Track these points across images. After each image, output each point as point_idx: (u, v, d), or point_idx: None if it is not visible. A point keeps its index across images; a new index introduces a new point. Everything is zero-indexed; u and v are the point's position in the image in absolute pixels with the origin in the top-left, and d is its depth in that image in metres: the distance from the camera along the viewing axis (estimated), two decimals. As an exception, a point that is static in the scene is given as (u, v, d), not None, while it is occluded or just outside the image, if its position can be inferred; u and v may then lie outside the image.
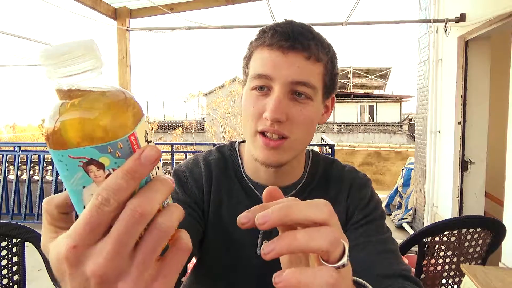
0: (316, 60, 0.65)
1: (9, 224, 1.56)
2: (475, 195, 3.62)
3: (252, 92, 0.67)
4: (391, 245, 0.72)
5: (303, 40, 0.64)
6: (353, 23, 3.89)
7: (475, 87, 3.58)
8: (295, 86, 0.65)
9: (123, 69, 4.33)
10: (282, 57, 0.64)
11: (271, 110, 0.63)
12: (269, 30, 0.66)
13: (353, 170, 0.83)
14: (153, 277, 0.27)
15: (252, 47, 0.69)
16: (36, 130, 26.48)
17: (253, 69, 0.67)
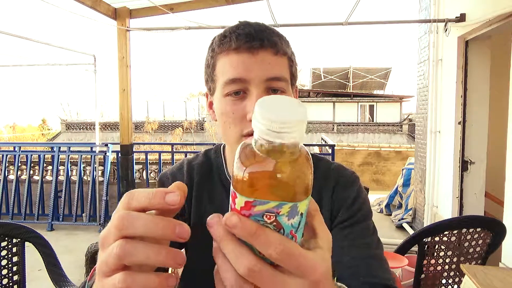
0: (283, 54, 0.67)
1: (9, 224, 1.56)
2: (475, 195, 3.62)
3: (227, 98, 0.67)
4: (376, 250, 0.72)
5: (268, 37, 0.65)
6: (353, 23, 3.89)
7: (475, 87, 3.58)
8: (270, 82, 0.65)
9: (123, 69, 4.33)
10: (252, 57, 0.64)
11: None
12: (231, 34, 0.66)
13: (340, 168, 0.81)
14: None
15: (215, 54, 0.68)
16: (36, 130, 26.47)
17: (223, 75, 0.67)
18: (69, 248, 4.15)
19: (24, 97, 70.45)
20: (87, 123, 21.34)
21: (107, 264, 0.32)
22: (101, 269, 0.34)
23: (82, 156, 5.16)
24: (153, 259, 0.31)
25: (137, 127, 19.46)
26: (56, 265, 1.68)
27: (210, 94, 0.73)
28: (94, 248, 2.40)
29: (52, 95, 58.75)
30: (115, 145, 5.09)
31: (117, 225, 0.32)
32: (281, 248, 0.30)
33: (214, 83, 0.70)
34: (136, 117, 14.29)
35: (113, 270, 0.32)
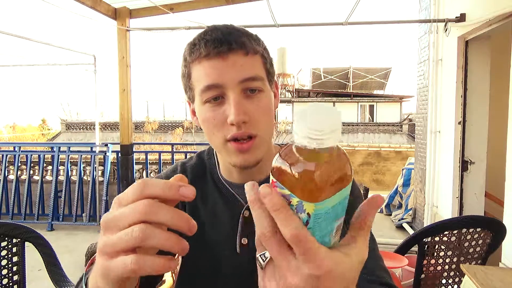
0: (254, 53, 0.67)
1: (9, 224, 1.56)
2: (475, 195, 3.62)
3: (206, 105, 0.68)
4: (371, 251, 0.71)
5: (236, 39, 0.65)
6: (353, 23, 3.89)
7: (475, 87, 3.58)
8: (246, 83, 0.66)
9: (123, 69, 4.33)
10: (223, 62, 0.64)
11: (234, 114, 0.64)
12: (199, 41, 0.66)
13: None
14: None
15: (188, 63, 0.69)
16: (36, 130, 26.47)
17: (198, 83, 0.67)
18: (69, 248, 4.15)
19: (24, 97, 70.44)
20: (87, 123, 21.34)
21: (118, 245, 0.36)
22: (106, 251, 0.37)
23: (82, 156, 5.16)
24: (166, 245, 0.35)
25: (137, 127, 19.46)
26: (56, 265, 1.68)
27: (191, 102, 0.74)
28: (94, 248, 2.40)
29: (52, 95, 58.76)
30: (115, 145, 5.09)
31: (142, 210, 0.35)
32: (295, 232, 0.32)
33: (192, 91, 0.71)
34: (136, 117, 14.30)
35: (123, 252, 0.36)
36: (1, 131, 26.27)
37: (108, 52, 5.32)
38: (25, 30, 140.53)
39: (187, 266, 0.78)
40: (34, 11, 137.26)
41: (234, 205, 0.76)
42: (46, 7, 10.62)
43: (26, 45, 42.05)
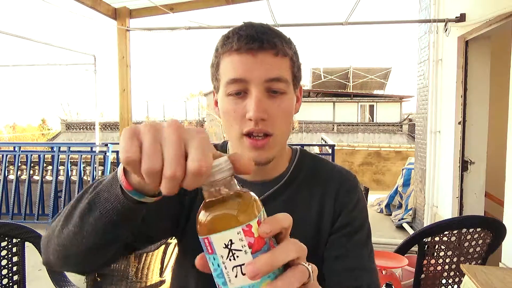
0: (284, 55, 0.68)
1: (9, 224, 1.56)
2: (475, 195, 3.61)
3: (229, 97, 0.69)
4: (367, 262, 0.75)
5: (268, 38, 0.66)
6: (353, 23, 3.88)
7: (475, 87, 3.58)
8: (270, 83, 0.67)
9: (123, 69, 4.33)
10: (252, 58, 0.66)
11: (253, 110, 0.65)
12: (233, 35, 0.67)
13: (343, 171, 0.83)
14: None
15: (219, 54, 0.70)
16: (36, 130, 26.47)
17: (225, 75, 0.69)
18: (69, 248, 4.14)
19: (24, 97, 70.43)
20: (87, 123, 21.34)
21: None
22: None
23: (82, 156, 5.16)
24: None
25: (137, 127, 19.42)
26: (56, 265, 1.68)
27: (216, 92, 0.75)
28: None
29: (52, 95, 58.76)
30: (115, 145, 5.09)
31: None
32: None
33: (218, 82, 0.72)
34: (136, 117, 14.29)
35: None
36: (1, 131, 26.26)
37: (108, 52, 5.33)
38: (25, 30, 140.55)
39: (190, 253, 0.78)
40: (34, 11, 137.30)
41: None
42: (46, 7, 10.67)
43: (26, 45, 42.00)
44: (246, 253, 0.37)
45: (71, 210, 0.55)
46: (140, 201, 0.46)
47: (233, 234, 0.37)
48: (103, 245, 0.53)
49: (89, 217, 0.51)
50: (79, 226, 0.52)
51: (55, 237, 0.56)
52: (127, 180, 0.45)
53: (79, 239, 0.52)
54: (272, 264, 0.37)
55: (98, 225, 0.50)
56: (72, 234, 0.53)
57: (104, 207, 0.49)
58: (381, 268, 2.25)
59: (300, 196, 0.78)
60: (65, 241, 0.55)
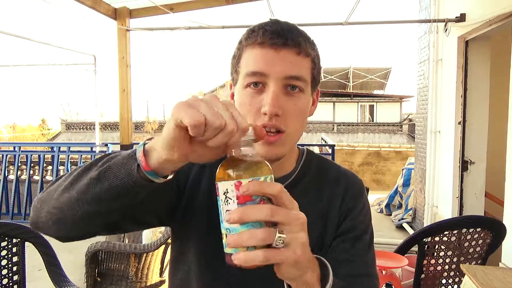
0: (306, 55, 0.69)
1: (9, 224, 1.56)
2: (475, 195, 3.61)
3: (247, 89, 0.69)
4: (370, 268, 0.76)
5: (293, 37, 0.67)
6: (353, 23, 3.88)
7: (475, 87, 3.57)
8: (289, 80, 0.68)
9: (123, 69, 4.33)
10: (275, 54, 0.66)
11: (269, 105, 0.66)
12: (259, 29, 0.68)
13: (349, 173, 0.83)
14: None
15: (242, 46, 0.71)
16: (36, 130, 26.47)
17: (245, 67, 0.69)
18: (69, 248, 4.14)
19: (24, 97, 70.39)
20: (87, 123, 21.34)
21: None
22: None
23: (82, 156, 5.16)
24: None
25: (137, 127, 19.47)
26: (56, 265, 1.69)
27: (233, 85, 0.76)
28: (94, 248, 2.40)
29: (52, 95, 58.73)
30: (115, 145, 5.09)
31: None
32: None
33: (237, 74, 0.72)
34: (136, 117, 14.29)
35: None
36: (1, 131, 26.27)
37: (108, 52, 5.32)
38: (25, 30, 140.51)
39: (188, 228, 0.78)
40: (34, 11, 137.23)
41: None
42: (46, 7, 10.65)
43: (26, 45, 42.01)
44: (234, 202, 0.48)
45: (78, 177, 0.58)
46: (151, 180, 0.54)
47: (229, 185, 0.48)
48: (99, 215, 0.58)
49: (96, 187, 0.55)
50: (83, 193, 0.56)
51: (53, 200, 0.59)
52: (146, 162, 0.52)
53: (79, 205, 0.56)
54: (242, 216, 0.46)
55: (103, 196, 0.55)
56: (73, 199, 0.57)
57: (113, 181, 0.54)
58: (381, 268, 2.25)
59: (307, 198, 0.78)
60: (63, 205, 0.58)
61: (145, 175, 0.53)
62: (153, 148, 0.52)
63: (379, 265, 2.20)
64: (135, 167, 0.53)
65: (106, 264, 2.53)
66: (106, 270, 2.54)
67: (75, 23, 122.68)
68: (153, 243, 2.47)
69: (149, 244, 2.47)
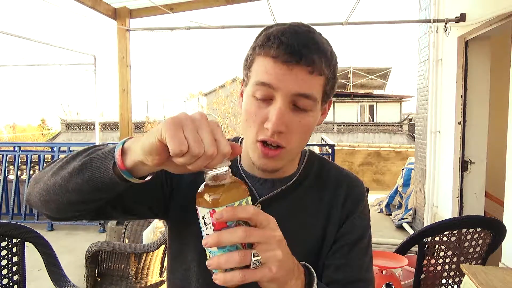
0: (319, 74, 0.66)
1: (9, 224, 1.56)
2: (475, 195, 3.61)
3: (254, 98, 0.69)
4: (366, 273, 0.77)
5: (307, 54, 0.64)
6: (353, 23, 3.89)
7: (475, 87, 3.57)
8: (297, 98, 0.66)
9: (123, 69, 4.33)
10: (287, 70, 0.64)
11: (273, 123, 0.65)
12: (274, 39, 0.65)
13: (351, 176, 0.83)
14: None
15: (256, 52, 0.68)
16: (36, 130, 26.46)
17: (256, 75, 0.68)
18: (69, 248, 4.15)
19: (24, 97, 70.31)
20: (87, 123, 21.34)
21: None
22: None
23: (82, 156, 5.15)
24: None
25: (137, 127, 19.46)
26: (56, 265, 1.68)
27: (243, 85, 0.74)
28: (94, 248, 2.40)
29: (52, 95, 58.67)
30: (115, 145, 5.08)
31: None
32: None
33: (248, 77, 0.71)
34: (136, 117, 14.30)
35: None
36: (1, 131, 26.27)
37: (108, 52, 5.32)
38: (25, 30, 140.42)
39: (179, 226, 0.79)
40: (34, 11, 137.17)
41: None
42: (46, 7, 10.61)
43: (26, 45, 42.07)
44: (211, 228, 0.50)
45: (64, 165, 0.60)
46: (126, 179, 0.55)
47: (205, 212, 0.50)
48: (81, 203, 0.61)
49: (77, 177, 0.57)
50: (67, 181, 0.58)
51: (43, 182, 0.62)
52: (122, 160, 0.54)
53: (63, 192, 0.59)
54: (217, 242, 0.49)
55: (83, 187, 0.57)
56: (57, 185, 0.59)
57: (93, 173, 0.56)
58: (381, 268, 2.25)
59: (308, 199, 0.78)
60: (49, 189, 0.61)
61: (120, 173, 0.54)
62: (132, 149, 0.54)
63: (379, 265, 2.20)
64: (111, 164, 0.55)
65: (106, 264, 2.53)
66: (106, 270, 2.54)
67: (75, 23, 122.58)
68: (153, 243, 2.47)
69: (149, 244, 2.47)
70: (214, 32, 4.64)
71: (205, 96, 22.00)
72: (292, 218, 0.76)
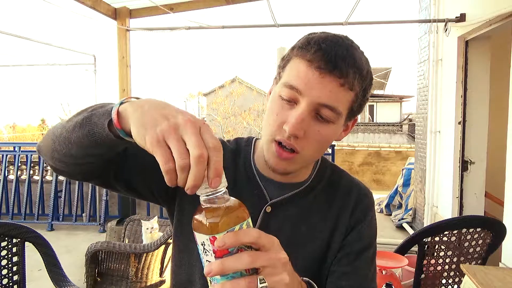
0: (350, 89, 0.66)
1: (9, 224, 1.56)
2: (475, 195, 3.61)
3: (279, 98, 0.69)
4: (371, 283, 0.78)
5: (342, 66, 0.63)
6: (353, 23, 3.88)
7: (475, 87, 3.57)
8: (321, 108, 0.65)
9: (123, 69, 4.33)
10: (318, 77, 0.64)
11: (292, 125, 0.64)
12: (314, 44, 0.65)
13: (361, 185, 0.84)
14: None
15: (293, 53, 0.69)
16: (36, 130, 26.46)
17: (287, 76, 0.68)
18: (69, 248, 4.15)
19: (24, 97, 70.27)
20: (87, 123, 21.27)
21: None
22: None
23: (82, 156, 5.15)
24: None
25: (137, 127, 19.44)
26: (56, 265, 1.68)
27: (275, 82, 0.74)
28: (94, 248, 2.40)
29: (52, 95, 58.60)
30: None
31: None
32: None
33: (279, 76, 0.71)
34: (136, 117, 14.24)
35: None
36: (1, 131, 26.27)
37: (108, 52, 5.32)
38: (25, 30, 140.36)
39: (186, 222, 0.78)
40: (34, 11, 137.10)
41: (259, 197, 0.77)
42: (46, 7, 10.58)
43: (26, 45, 42.07)
44: (212, 255, 0.46)
45: (71, 118, 0.61)
46: (121, 137, 0.55)
47: (204, 239, 0.47)
48: (83, 157, 0.61)
49: (78, 131, 0.58)
50: (70, 133, 0.59)
51: (52, 133, 0.64)
52: (118, 120, 0.53)
53: (65, 143, 0.60)
54: (222, 269, 0.46)
55: (84, 140, 0.58)
56: (62, 137, 0.61)
57: (92, 128, 0.56)
58: (381, 268, 2.25)
59: (317, 206, 0.78)
60: (55, 139, 0.62)
61: (116, 131, 0.54)
62: (124, 117, 0.53)
63: (379, 265, 2.20)
64: (107, 122, 0.55)
65: (106, 264, 2.53)
66: (106, 270, 2.54)
67: (75, 23, 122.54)
68: (153, 243, 2.47)
69: (149, 244, 2.48)
70: (214, 32, 4.65)
71: (205, 96, 21.99)
72: (301, 222, 0.76)
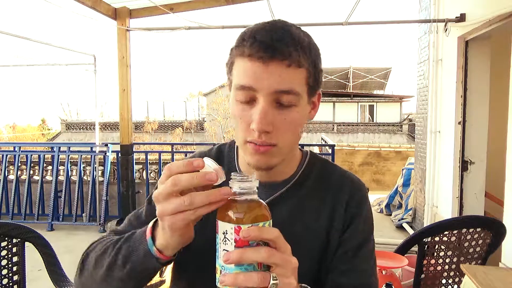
0: (298, 67, 0.64)
1: (9, 224, 1.55)
2: (475, 195, 3.61)
3: (237, 102, 0.68)
4: (371, 278, 0.77)
5: (282, 47, 0.62)
6: (353, 23, 3.89)
7: (475, 87, 3.57)
8: (278, 95, 0.64)
9: (123, 69, 4.34)
10: (263, 67, 0.63)
11: (258, 122, 0.63)
12: (248, 38, 0.64)
13: (354, 178, 0.82)
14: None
15: (233, 55, 0.68)
16: (36, 130, 26.45)
17: (236, 78, 0.67)
18: (69, 248, 4.14)
19: (24, 97, 70.21)
20: (87, 123, 21.34)
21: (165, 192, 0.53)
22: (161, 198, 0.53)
23: (82, 156, 5.16)
24: (194, 181, 0.52)
25: (137, 127, 19.46)
26: (56, 265, 1.68)
27: (229, 88, 0.73)
28: (94, 248, 2.40)
29: (52, 95, 58.63)
30: (115, 145, 5.09)
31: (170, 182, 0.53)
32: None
33: (230, 81, 0.71)
34: (136, 117, 14.28)
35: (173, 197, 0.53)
36: (1, 131, 26.26)
37: (108, 52, 5.32)
38: (25, 30, 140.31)
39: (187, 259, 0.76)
40: (34, 11, 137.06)
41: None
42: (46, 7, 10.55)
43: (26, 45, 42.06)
44: (232, 244, 0.49)
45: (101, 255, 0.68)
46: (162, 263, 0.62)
47: (228, 228, 0.50)
48: None
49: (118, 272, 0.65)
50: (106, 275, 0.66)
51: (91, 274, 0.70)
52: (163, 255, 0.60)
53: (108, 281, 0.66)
54: (240, 259, 0.49)
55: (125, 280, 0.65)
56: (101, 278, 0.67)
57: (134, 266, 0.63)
58: (381, 268, 2.25)
59: (310, 201, 0.77)
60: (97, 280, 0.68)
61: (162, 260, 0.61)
62: (165, 246, 0.60)
63: (379, 265, 2.20)
64: (154, 260, 0.62)
65: (106, 264, 2.52)
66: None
67: (75, 23, 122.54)
68: (153, 243, 2.46)
69: (149, 244, 2.47)
70: (214, 32, 4.64)
71: (205, 96, 22.01)
72: (294, 221, 0.75)
